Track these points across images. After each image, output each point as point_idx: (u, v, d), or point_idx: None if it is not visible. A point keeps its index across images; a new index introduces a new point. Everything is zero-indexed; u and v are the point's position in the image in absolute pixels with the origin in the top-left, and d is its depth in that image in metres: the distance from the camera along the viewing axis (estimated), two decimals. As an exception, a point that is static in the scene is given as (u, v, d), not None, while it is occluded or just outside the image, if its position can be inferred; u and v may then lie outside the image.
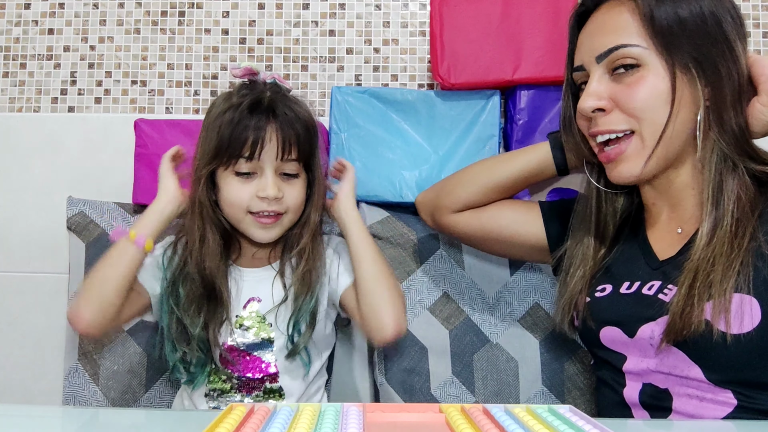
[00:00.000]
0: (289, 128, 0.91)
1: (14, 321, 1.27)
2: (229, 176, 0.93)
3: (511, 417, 0.58)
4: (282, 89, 0.97)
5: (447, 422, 0.59)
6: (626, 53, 0.76)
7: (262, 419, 0.57)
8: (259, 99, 0.92)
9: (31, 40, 1.33)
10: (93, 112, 1.31)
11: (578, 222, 0.91)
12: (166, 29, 1.32)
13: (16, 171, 1.29)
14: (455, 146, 1.17)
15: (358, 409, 0.59)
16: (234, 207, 0.94)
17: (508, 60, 1.14)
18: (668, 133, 0.76)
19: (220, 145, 0.91)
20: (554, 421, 0.57)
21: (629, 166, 0.79)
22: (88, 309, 0.90)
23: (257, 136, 0.90)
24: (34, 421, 0.65)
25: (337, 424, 0.55)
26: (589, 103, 0.79)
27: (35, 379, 1.26)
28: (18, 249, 1.28)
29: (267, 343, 0.97)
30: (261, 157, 0.91)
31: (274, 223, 0.95)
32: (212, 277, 0.94)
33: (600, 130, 0.80)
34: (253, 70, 0.96)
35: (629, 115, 0.77)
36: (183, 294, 0.94)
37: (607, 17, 0.80)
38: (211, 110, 0.96)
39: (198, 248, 0.94)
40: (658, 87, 0.75)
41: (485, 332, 1.14)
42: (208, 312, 0.94)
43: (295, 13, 1.31)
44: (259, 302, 0.98)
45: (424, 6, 1.30)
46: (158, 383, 1.15)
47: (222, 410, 0.58)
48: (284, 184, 0.94)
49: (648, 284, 0.79)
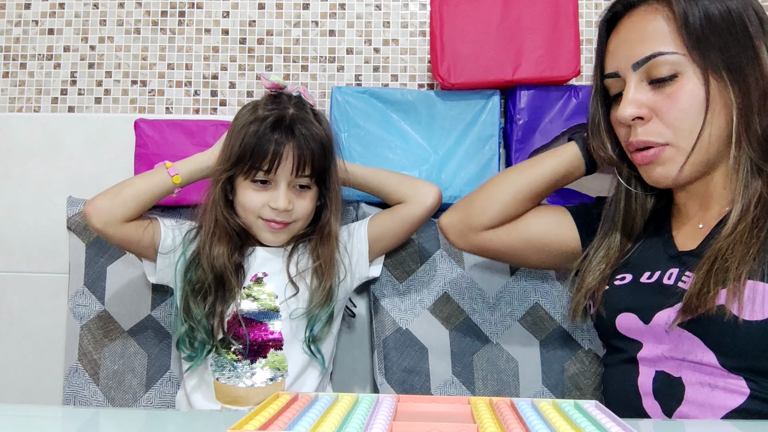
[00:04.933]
0: (305, 147, 0.99)
1: (14, 321, 1.27)
2: (246, 183, 1.01)
3: (535, 412, 0.59)
4: (305, 105, 1.03)
5: (471, 413, 0.61)
6: (664, 60, 0.76)
7: (304, 404, 0.62)
8: (281, 116, 0.99)
9: (31, 40, 1.33)
10: (93, 112, 1.31)
11: (608, 221, 0.91)
12: (166, 29, 1.32)
13: (16, 171, 1.29)
14: (455, 146, 1.17)
15: (391, 399, 0.64)
16: (247, 212, 1.02)
17: (508, 60, 1.14)
18: (704, 140, 0.76)
19: (241, 155, 0.98)
20: (578, 417, 0.57)
21: (665, 170, 0.79)
22: (103, 200, 1.00)
23: (276, 153, 0.97)
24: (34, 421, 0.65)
25: (370, 410, 0.59)
26: (629, 111, 0.78)
27: (35, 379, 1.26)
28: (18, 249, 1.27)
29: (273, 313, 1.02)
30: (277, 172, 0.98)
31: (284, 228, 1.03)
32: (221, 272, 1.01)
33: (639, 140, 0.80)
34: (280, 85, 1.03)
35: (668, 126, 0.77)
36: (194, 278, 1.02)
37: (641, 23, 0.79)
38: (238, 118, 1.03)
39: (208, 246, 1.01)
40: (696, 94, 0.76)
41: (485, 332, 1.14)
42: (215, 298, 1.01)
43: (295, 13, 1.31)
44: (266, 276, 1.04)
45: (424, 6, 1.30)
46: (158, 383, 1.15)
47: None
48: (295, 197, 1.02)
49: (667, 273, 0.80)
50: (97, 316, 1.17)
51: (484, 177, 1.15)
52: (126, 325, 1.16)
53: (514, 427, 0.54)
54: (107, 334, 1.16)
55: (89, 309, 1.17)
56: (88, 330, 1.17)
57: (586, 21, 1.29)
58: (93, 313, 1.17)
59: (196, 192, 1.09)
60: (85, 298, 1.18)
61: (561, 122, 1.15)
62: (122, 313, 1.17)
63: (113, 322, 1.17)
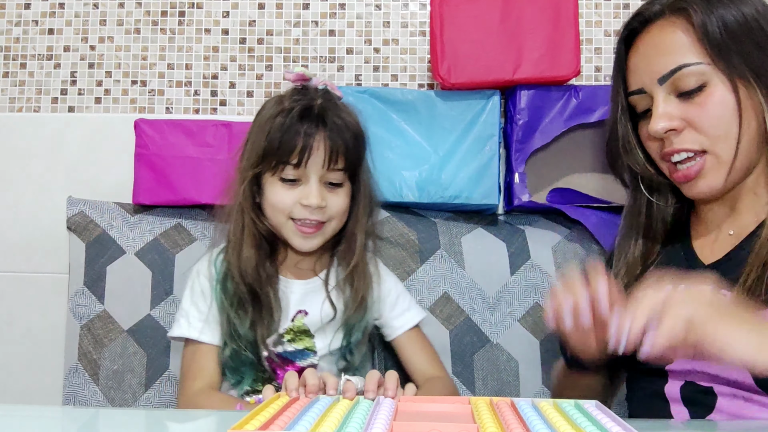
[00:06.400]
0: (337, 137, 0.90)
1: (14, 321, 1.27)
2: (274, 181, 0.92)
3: (536, 412, 0.59)
4: (333, 96, 0.96)
5: (472, 413, 0.61)
6: (690, 72, 0.76)
7: (304, 405, 0.62)
8: (310, 105, 0.91)
9: (31, 40, 1.33)
10: (93, 112, 1.31)
11: (624, 237, 0.90)
12: (166, 29, 1.32)
13: (16, 171, 1.28)
14: (455, 146, 1.17)
15: (392, 399, 0.65)
16: (276, 212, 0.93)
17: (508, 60, 1.14)
18: (743, 145, 0.76)
19: (268, 150, 0.90)
20: (579, 417, 0.57)
21: (710, 181, 0.79)
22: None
23: (306, 144, 0.89)
24: (34, 421, 0.65)
25: (370, 410, 0.59)
26: (662, 125, 0.78)
27: (35, 379, 1.26)
28: (18, 249, 1.27)
29: (309, 352, 0.97)
30: (307, 166, 0.90)
31: (316, 233, 0.94)
32: (254, 279, 0.93)
33: (675, 149, 0.79)
34: (306, 76, 0.95)
35: (702, 134, 0.77)
36: (230, 291, 0.94)
37: (660, 38, 0.80)
38: (261, 112, 0.96)
39: (236, 252, 0.94)
40: (727, 101, 0.76)
41: (485, 332, 1.13)
42: (254, 313, 0.93)
43: (295, 13, 1.31)
44: (306, 315, 0.97)
45: (424, 6, 1.30)
46: (158, 383, 1.15)
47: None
48: (328, 193, 0.93)
49: None
50: (97, 316, 1.17)
51: (484, 177, 1.15)
52: (125, 325, 1.16)
53: (514, 427, 0.54)
54: (107, 334, 1.16)
55: (89, 309, 1.17)
56: (87, 330, 1.17)
57: (586, 21, 1.29)
58: (93, 313, 1.17)
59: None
60: (84, 298, 1.18)
61: (561, 122, 1.15)
62: (122, 313, 1.17)
63: (113, 322, 1.17)
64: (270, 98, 0.98)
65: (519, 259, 1.16)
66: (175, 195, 1.17)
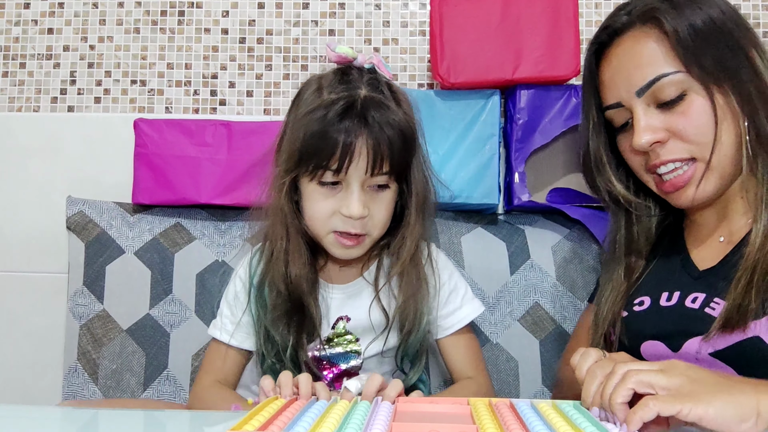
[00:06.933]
0: (382, 139, 0.80)
1: (14, 320, 1.27)
2: (311, 186, 0.84)
3: (535, 412, 0.59)
4: (380, 81, 0.86)
5: (471, 414, 0.61)
6: (668, 82, 0.76)
7: (304, 405, 0.63)
8: (352, 101, 0.81)
9: (31, 39, 1.32)
10: (93, 112, 1.31)
11: (610, 254, 0.90)
12: (165, 29, 1.32)
13: (16, 171, 1.28)
14: (455, 146, 1.17)
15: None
16: (315, 222, 0.86)
17: (508, 60, 1.14)
18: (728, 149, 0.76)
19: (305, 152, 0.81)
20: (578, 418, 0.57)
21: (700, 189, 0.78)
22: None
23: (346, 149, 0.79)
24: (34, 421, 0.65)
25: (369, 410, 0.59)
26: (647, 138, 0.77)
27: (34, 378, 1.26)
28: (18, 249, 1.27)
29: (352, 354, 0.94)
30: (348, 171, 0.81)
31: (357, 244, 0.86)
32: (298, 289, 0.87)
33: (662, 161, 0.78)
34: (349, 57, 0.86)
35: (688, 142, 0.77)
36: (269, 301, 0.89)
37: (634, 49, 0.79)
38: (299, 102, 0.87)
39: (283, 257, 0.87)
40: (706, 107, 0.75)
41: (485, 332, 1.13)
42: (297, 326, 0.88)
43: (295, 13, 1.31)
44: (349, 321, 0.93)
45: (424, 6, 1.30)
46: (157, 382, 1.15)
47: None
48: (371, 200, 0.84)
49: (690, 296, 0.78)
50: (96, 315, 1.17)
51: (484, 177, 1.15)
52: (125, 324, 1.16)
53: (514, 427, 0.54)
54: (106, 334, 1.16)
55: (88, 309, 1.17)
56: (87, 330, 1.17)
57: (586, 21, 1.29)
58: (92, 312, 1.17)
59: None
60: (84, 297, 1.18)
61: (561, 122, 1.15)
62: (121, 313, 1.17)
63: (112, 322, 1.17)
64: (309, 80, 0.89)
65: (519, 259, 1.16)
66: (175, 194, 1.17)
